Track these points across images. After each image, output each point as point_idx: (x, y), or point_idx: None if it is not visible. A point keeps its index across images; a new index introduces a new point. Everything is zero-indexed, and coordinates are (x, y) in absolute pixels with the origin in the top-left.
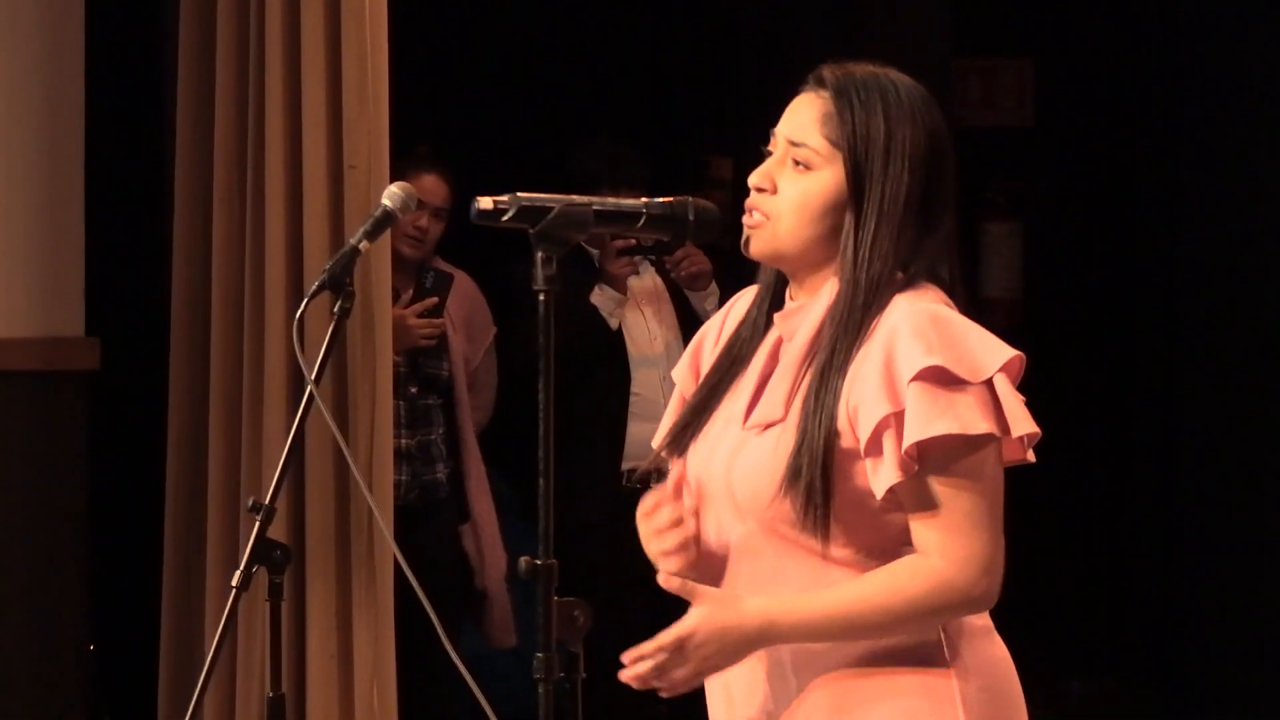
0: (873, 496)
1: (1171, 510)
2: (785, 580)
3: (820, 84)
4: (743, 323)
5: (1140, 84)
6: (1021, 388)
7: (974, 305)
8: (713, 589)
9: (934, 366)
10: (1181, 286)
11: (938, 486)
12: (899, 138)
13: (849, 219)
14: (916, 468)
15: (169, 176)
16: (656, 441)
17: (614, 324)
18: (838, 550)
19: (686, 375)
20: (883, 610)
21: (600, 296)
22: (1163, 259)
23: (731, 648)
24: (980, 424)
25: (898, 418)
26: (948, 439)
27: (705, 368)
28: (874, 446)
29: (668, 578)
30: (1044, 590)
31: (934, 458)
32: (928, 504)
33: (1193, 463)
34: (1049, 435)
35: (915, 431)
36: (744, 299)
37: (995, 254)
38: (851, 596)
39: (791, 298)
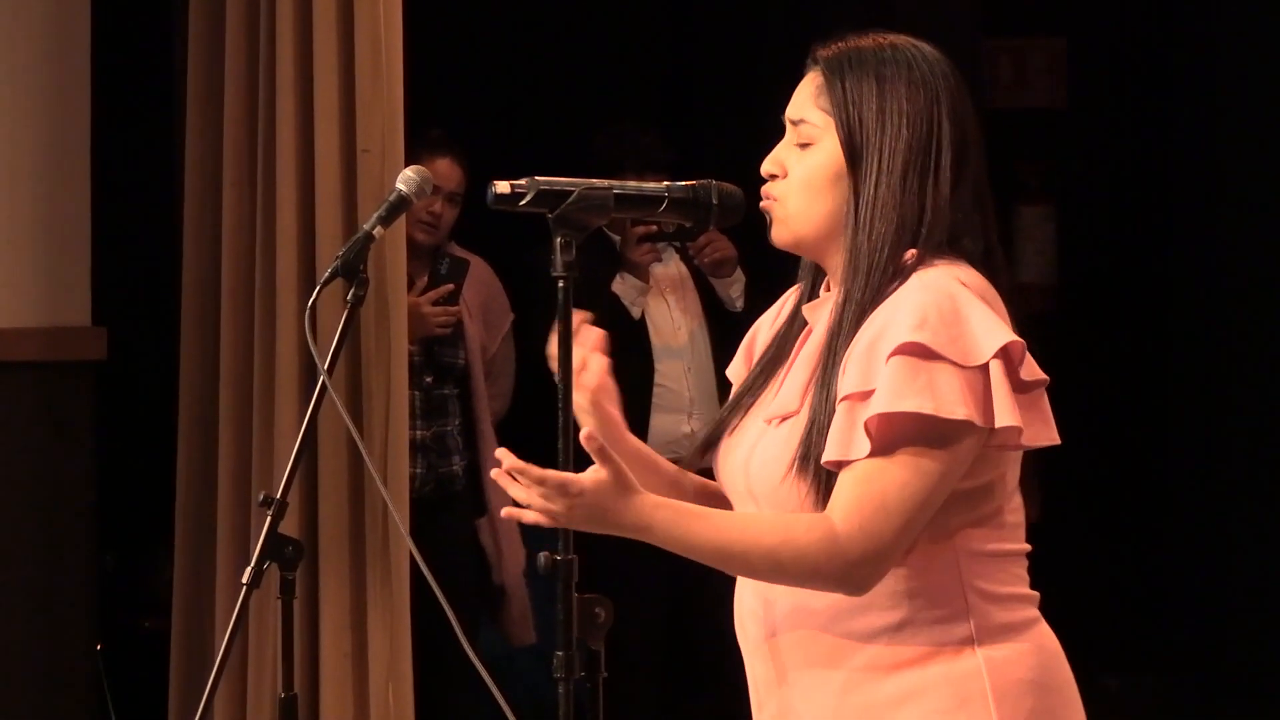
0: None
1: (1212, 502)
2: None
3: (814, 60)
4: (786, 320)
5: (1174, 63)
6: (1057, 374)
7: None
8: (624, 469)
9: (918, 342)
10: (1218, 268)
11: (880, 456)
12: (892, 96)
13: (850, 185)
14: (853, 457)
15: (178, 162)
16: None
17: (636, 313)
18: None
19: (741, 372)
20: (767, 553)
21: (622, 285)
22: (1199, 240)
23: (602, 526)
24: (958, 408)
25: (862, 395)
26: (917, 418)
27: None
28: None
29: (589, 436)
30: (1082, 584)
31: (895, 434)
32: (860, 467)
33: (1234, 452)
34: (1086, 423)
35: (884, 403)
36: (796, 294)
37: (1028, 238)
38: (741, 530)
39: (827, 289)
